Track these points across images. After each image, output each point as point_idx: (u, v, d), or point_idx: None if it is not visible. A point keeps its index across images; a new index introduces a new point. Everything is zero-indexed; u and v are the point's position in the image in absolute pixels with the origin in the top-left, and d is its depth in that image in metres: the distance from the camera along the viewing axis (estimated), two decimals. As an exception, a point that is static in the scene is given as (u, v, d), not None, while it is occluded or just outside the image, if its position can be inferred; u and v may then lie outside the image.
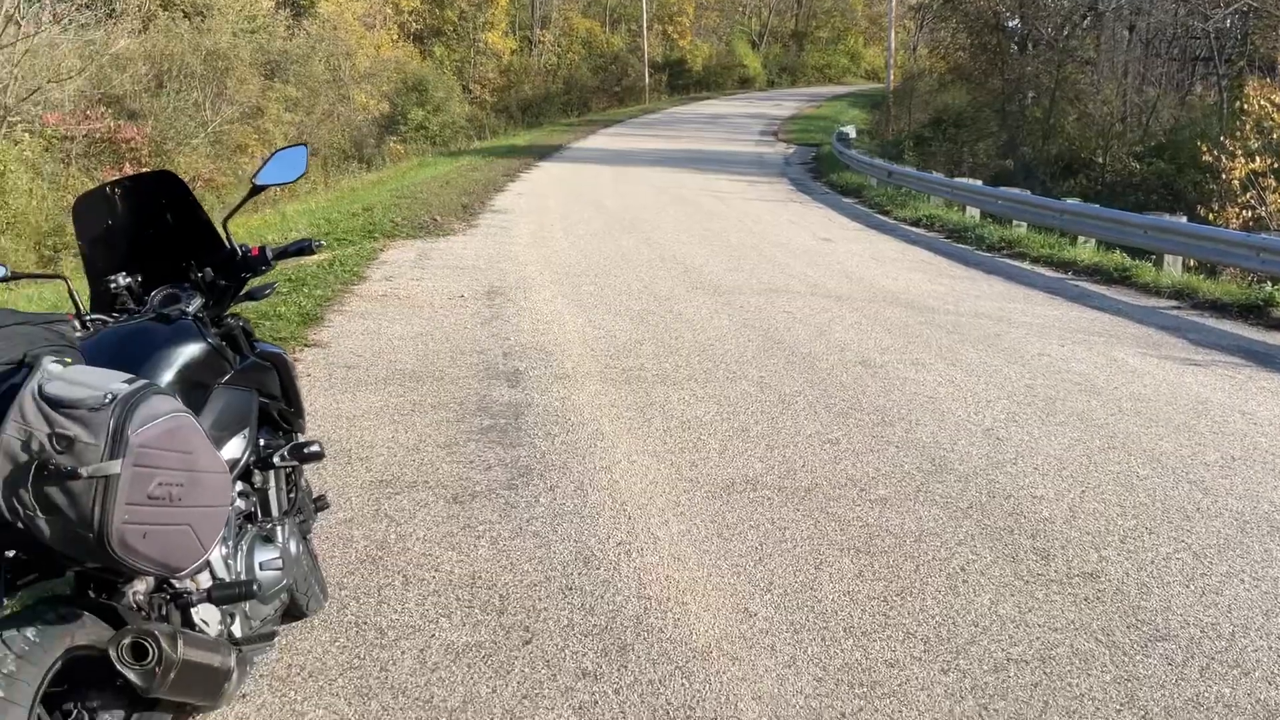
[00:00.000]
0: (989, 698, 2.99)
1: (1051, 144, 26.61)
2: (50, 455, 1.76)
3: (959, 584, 3.69)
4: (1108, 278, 10.59)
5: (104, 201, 2.92)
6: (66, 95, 15.11)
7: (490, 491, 4.50)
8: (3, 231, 11.76)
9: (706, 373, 6.49)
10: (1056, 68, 27.04)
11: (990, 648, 3.26)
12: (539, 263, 10.63)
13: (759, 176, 22.45)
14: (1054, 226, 12.88)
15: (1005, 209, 14.03)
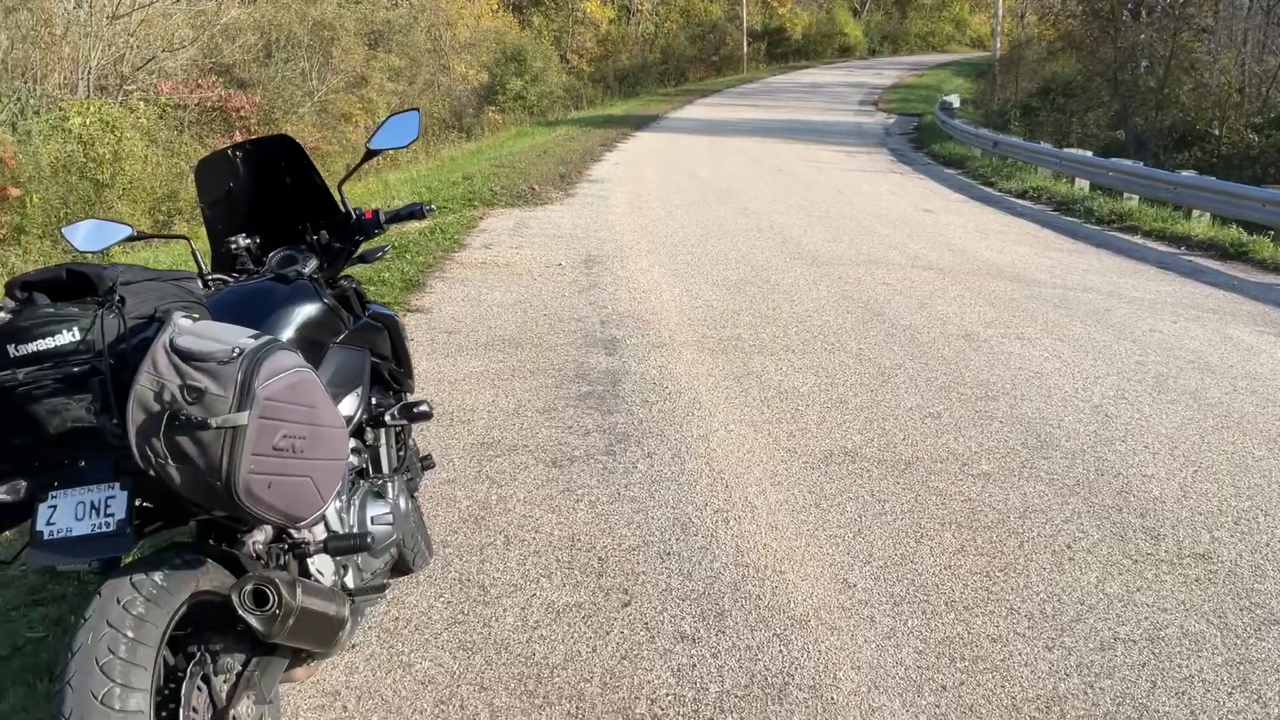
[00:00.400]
0: (1095, 676, 2.93)
1: (1165, 115, 25.63)
2: (181, 406, 1.83)
3: (1064, 561, 3.61)
4: (1223, 253, 10.20)
5: (226, 164, 3.01)
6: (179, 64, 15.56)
7: (588, 457, 4.55)
8: (119, 197, 12.23)
9: (804, 343, 6.44)
10: (1172, 35, 25.98)
11: (1097, 626, 3.19)
12: (635, 232, 10.64)
13: (858, 146, 22.09)
14: (1167, 200, 12.43)
15: (1116, 181, 13.58)
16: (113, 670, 1.84)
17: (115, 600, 1.92)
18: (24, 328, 1.93)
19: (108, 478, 1.99)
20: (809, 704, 2.78)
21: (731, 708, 2.76)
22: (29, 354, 1.93)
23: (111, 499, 1.97)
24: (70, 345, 1.93)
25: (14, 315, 1.96)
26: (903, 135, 25.41)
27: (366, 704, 2.76)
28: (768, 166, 17.56)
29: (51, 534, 1.96)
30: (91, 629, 1.88)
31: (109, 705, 1.81)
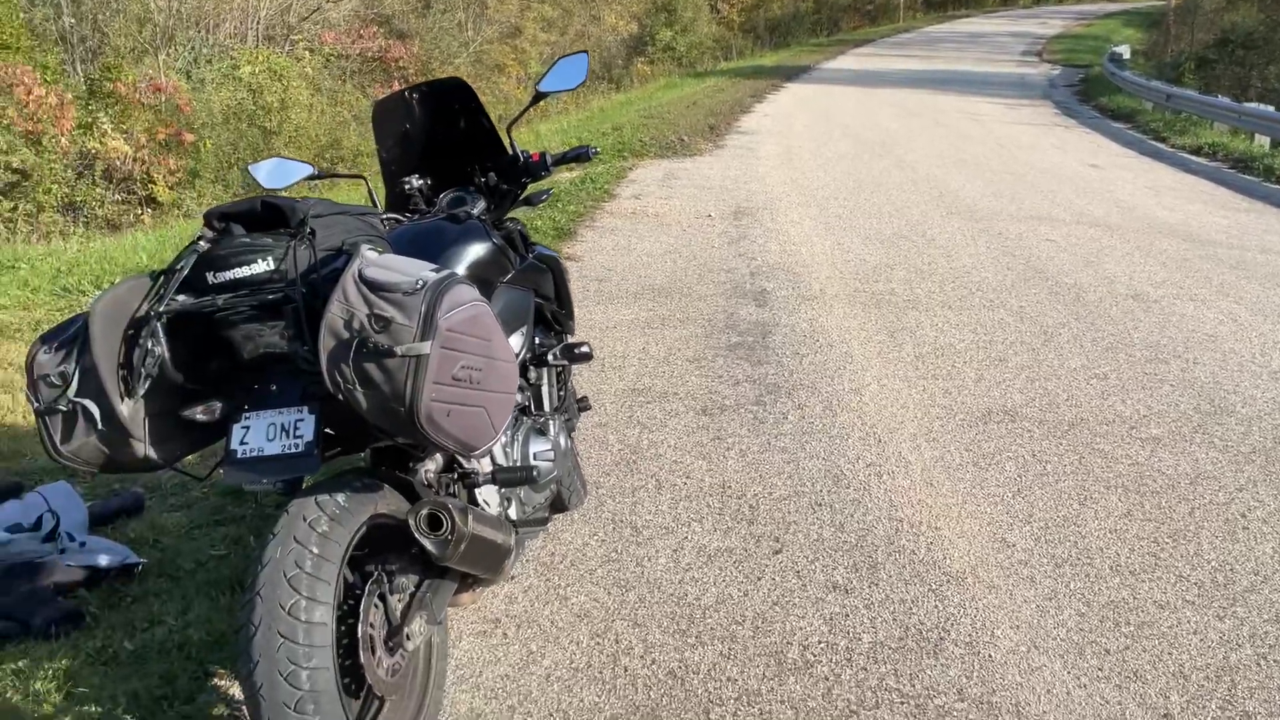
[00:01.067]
0: (1268, 648, 2.80)
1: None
2: (369, 334, 1.90)
3: (1238, 530, 3.45)
4: None
5: (402, 105, 3.09)
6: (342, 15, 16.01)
7: (739, 406, 4.55)
8: (285, 144, 12.72)
9: (961, 300, 6.27)
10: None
11: (1272, 597, 3.05)
12: (786, 184, 10.50)
13: (1020, 99, 21.23)
14: (1361, 157, 11.57)
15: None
16: (299, 583, 1.94)
17: (302, 518, 2.02)
18: (222, 256, 2.04)
19: (297, 402, 2.09)
20: (965, 660, 2.74)
21: (885, 658, 2.74)
22: (227, 281, 2.03)
23: (300, 422, 2.06)
24: (265, 274, 2.02)
25: (213, 244, 2.07)
26: (1068, 87, 24.31)
27: (525, 632, 2.84)
28: (924, 119, 17.05)
29: (244, 453, 2.07)
30: (280, 544, 1.99)
31: (295, 616, 1.92)
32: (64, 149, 12.11)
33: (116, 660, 2.65)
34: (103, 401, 1.98)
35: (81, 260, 6.99)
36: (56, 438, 2.01)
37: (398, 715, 2.25)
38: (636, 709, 2.52)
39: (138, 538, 3.30)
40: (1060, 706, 2.56)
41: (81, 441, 2.01)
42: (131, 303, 2.05)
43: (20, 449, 4.01)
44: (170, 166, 12.09)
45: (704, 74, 26.52)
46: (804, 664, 2.71)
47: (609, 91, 23.21)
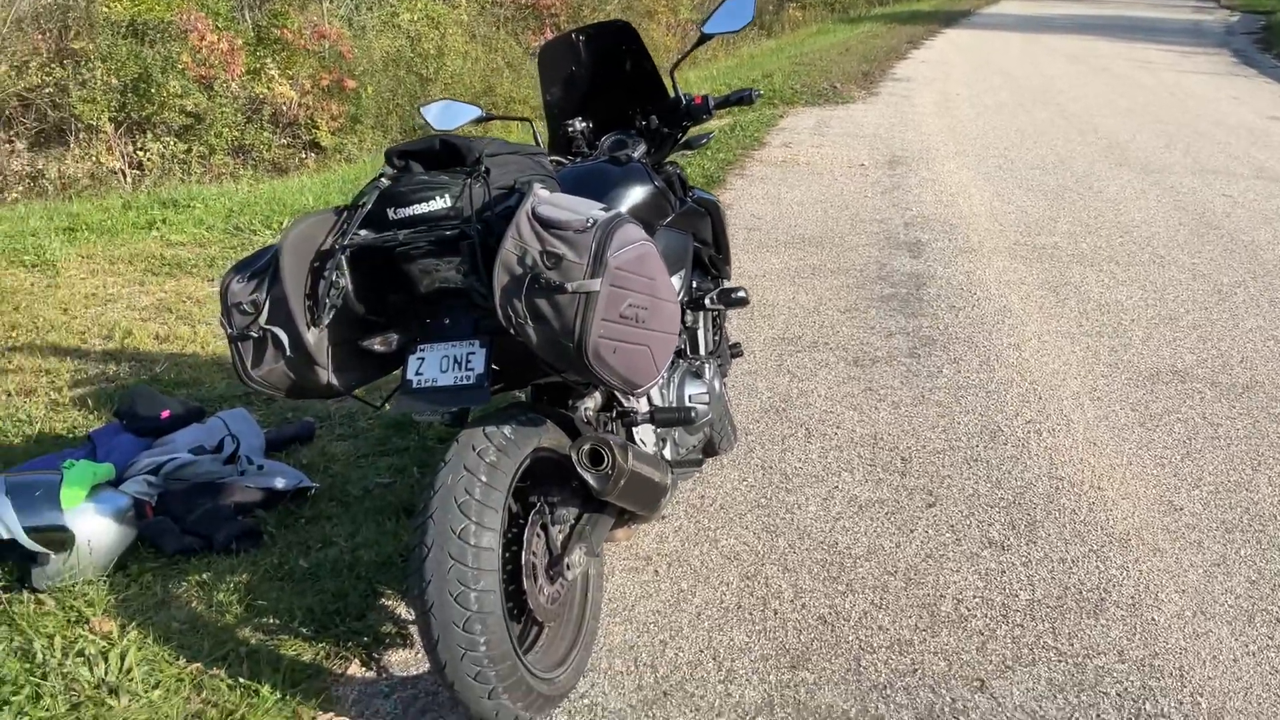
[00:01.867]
0: None
1: None
2: (542, 270, 1.94)
3: None
4: None
5: (568, 49, 3.12)
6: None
7: (891, 358, 4.48)
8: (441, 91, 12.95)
9: (1129, 255, 6.01)
10: None
11: None
12: (943, 133, 10.19)
13: (1194, 47, 20.02)
14: None
15: None
16: (469, 509, 2.02)
17: (471, 448, 2.09)
18: (402, 192, 2.11)
19: (469, 335, 2.16)
20: (1127, 621, 2.66)
21: (1043, 616, 2.69)
22: (406, 217, 2.10)
23: (472, 355, 2.13)
24: (442, 211, 2.08)
25: (394, 181, 2.14)
26: (1247, 35, 22.79)
27: (676, 571, 2.89)
28: (1089, 66, 16.28)
29: (419, 383, 2.15)
30: (451, 471, 2.06)
31: (465, 539, 1.99)
32: (234, 94, 12.64)
33: (291, 577, 2.81)
34: (291, 329, 2.08)
35: (251, 201, 7.29)
36: (248, 362, 2.12)
37: (556, 642, 2.33)
38: (786, 651, 2.54)
39: (309, 464, 3.46)
40: (1226, 673, 2.47)
41: (270, 367, 2.12)
42: (318, 236, 2.14)
43: (200, 377, 4.25)
44: (333, 112, 12.49)
45: (858, 19, 25.84)
46: (958, 618, 2.68)
47: (760, 38, 22.83)
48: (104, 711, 2.25)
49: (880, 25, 23.26)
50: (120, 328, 4.72)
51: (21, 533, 2.69)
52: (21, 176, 11.75)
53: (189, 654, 2.47)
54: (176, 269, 5.69)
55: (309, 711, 2.31)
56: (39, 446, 3.54)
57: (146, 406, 3.46)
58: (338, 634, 2.56)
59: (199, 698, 2.33)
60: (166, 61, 12.02)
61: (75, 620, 2.59)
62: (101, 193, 10.23)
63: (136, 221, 6.63)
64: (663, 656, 2.52)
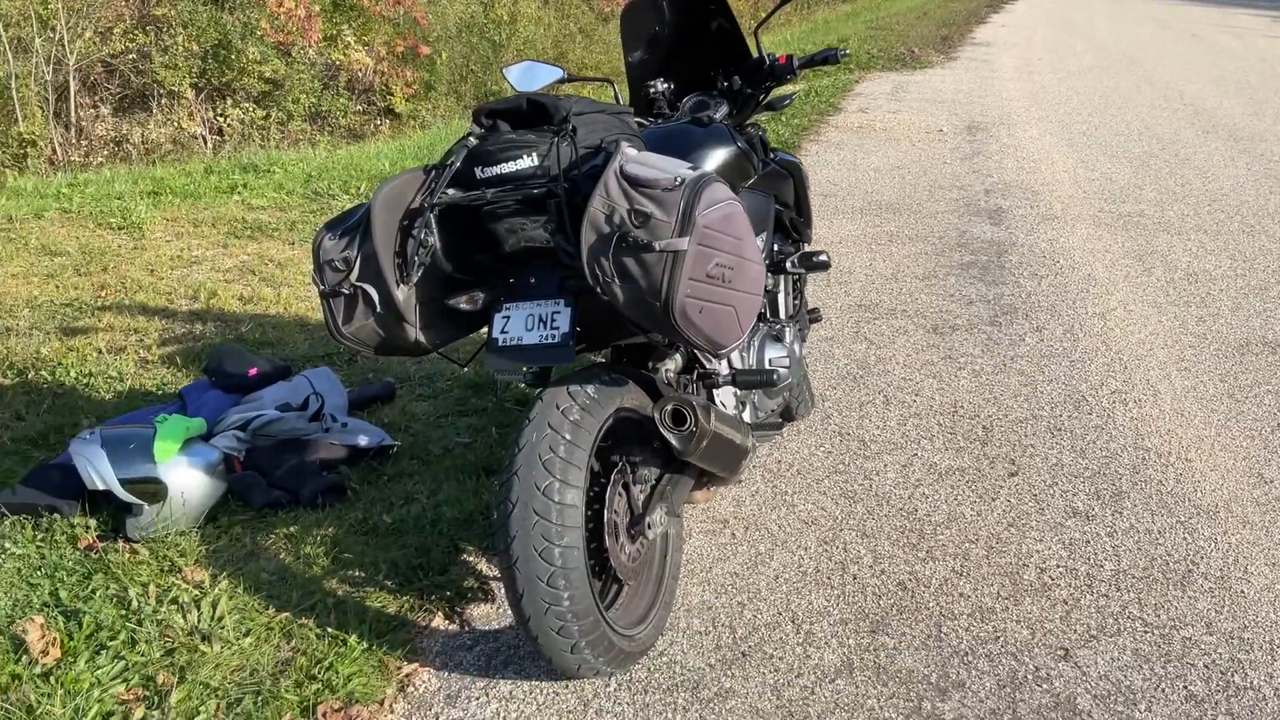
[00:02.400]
0: None
1: None
2: (629, 229, 1.94)
3: None
4: None
5: (650, 9, 3.10)
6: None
7: (971, 326, 4.41)
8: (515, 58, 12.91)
9: (1218, 224, 5.84)
10: None
11: None
12: (1024, 98, 9.97)
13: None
14: None
15: None
16: (553, 466, 2.03)
17: (555, 406, 2.10)
18: (490, 151, 2.12)
19: (554, 295, 2.17)
20: (1215, 593, 2.61)
21: (1129, 587, 2.64)
22: (493, 176, 2.11)
23: (557, 314, 2.14)
24: (529, 169, 2.09)
25: (481, 140, 2.15)
26: (1349, -4, 21.89)
27: (753, 534, 2.89)
28: (1177, 31, 15.79)
29: (505, 341, 2.17)
30: (535, 429, 2.08)
31: (549, 496, 2.01)
32: (311, 60, 12.78)
33: (376, 531, 2.86)
34: (380, 286, 2.11)
35: (329, 166, 7.39)
36: (339, 318, 2.16)
37: (636, 600, 2.35)
38: (865, 615, 2.53)
39: (391, 423, 3.52)
40: (1322, 651, 2.41)
41: (360, 324, 2.16)
42: (407, 194, 2.16)
43: (284, 337, 4.33)
44: (407, 79, 12.56)
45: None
46: (1041, 586, 2.65)
47: (835, 2, 22.50)
48: (197, 657, 2.32)
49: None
50: (205, 288, 4.82)
51: (117, 484, 2.77)
52: (106, 141, 12.04)
53: (278, 604, 2.53)
54: (258, 232, 5.80)
55: (395, 661, 2.35)
56: (130, 403, 3.65)
57: (234, 364, 3.53)
58: (422, 588, 2.60)
59: (288, 646, 2.39)
60: (245, 28, 12.19)
61: (168, 569, 2.67)
62: (184, 158, 10.44)
63: (219, 186, 6.76)
64: (740, 618, 2.52)
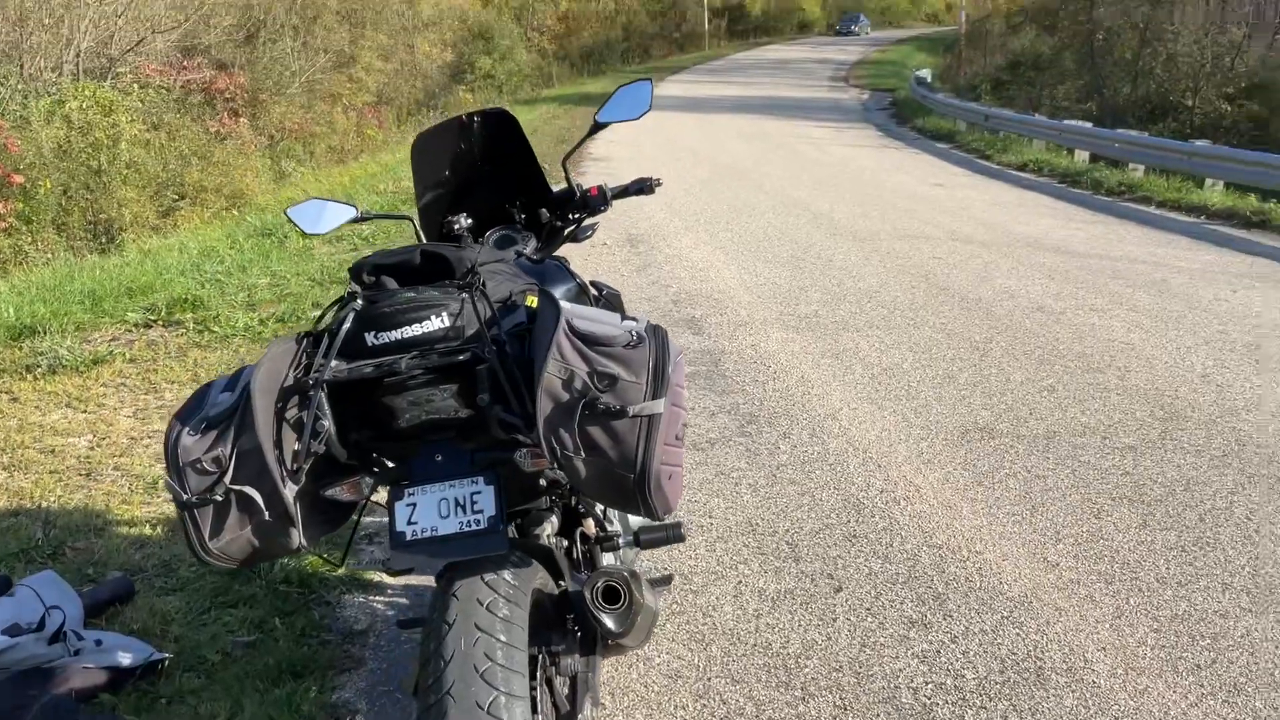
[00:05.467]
0: (1338, 650, 2.90)
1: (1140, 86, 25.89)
2: (595, 394, 1.70)
3: (1252, 533, 3.57)
4: (1245, 222, 10.27)
5: (446, 140, 2.85)
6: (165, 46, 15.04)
7: (726, 439, 4.44)
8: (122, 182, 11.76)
9: (884, 319, 6.37)
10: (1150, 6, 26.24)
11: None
12: (664, 210, 10.50)
13: (843, 122, 22.07)
14: (1177, 169, 12.51)
15: (1122, 152, 13.65)
16: (495, 678, 1.71)
17: (477, 602, 1.79)
18: (387, 313, 1.79)
19: (469, 471, 1.86)
20: (1075, 689, 2.71)
21: (998, 694, 2.68)
22: (393, 342, 1.79)
23: (478, 494, 1.84)
24: (440, 332, 1.79)
25: (371, 301, 1.82)
26: (881, 111, 25.44)
27: (625, 701, 2.64)
28: (764, 143, 17.48)
29: (416, 533, 1.82)
30: (462, 634, 1.75)
31: (496, 715, 1.69)
32: None
33: (178, 779, 2.31)
34: (265, 487, 1.70)
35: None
36: (205, 532, 1.71)
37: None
38: (780, 774, 2.37)
39: (143, 629, 2.91)
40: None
41: (233, 535, 1.73)
42: (282, 371, 1.78)
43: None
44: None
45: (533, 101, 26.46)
46: (924, 709, 2.62)
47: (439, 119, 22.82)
48: None
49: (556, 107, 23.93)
50: None
51: None
52: None
53: None
54: None
55: None
56: None
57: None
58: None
59: None
60: None
61: None
62: None
63: None
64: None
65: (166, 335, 6.18)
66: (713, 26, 51.61)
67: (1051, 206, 11.54)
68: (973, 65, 34.75)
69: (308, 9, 19.56)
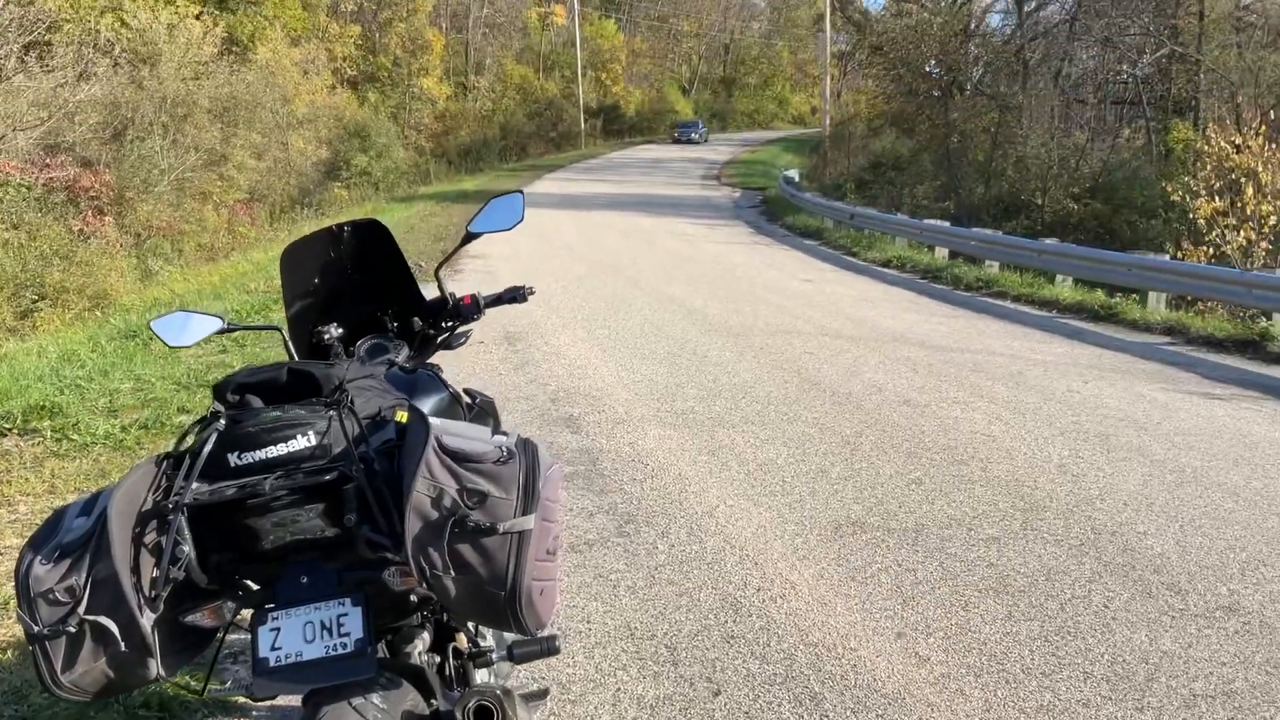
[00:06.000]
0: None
1: (994, 186, 27.35)
2: (465, 512, 1.69)
3: (1110, 621, 3.71)
4: (1094, 315, 10.86)
5: (316, 250, 2.84)
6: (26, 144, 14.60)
7: (604, 540, 4.43)
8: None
9: (759, 415, 6.50)
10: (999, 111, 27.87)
11: (1172, 684, 3.28)
12: (541, 307, 10.56)
13: (716, 220, 22.67)
14: (1030, 266, 13.20)
15: (979, 249, 14.35)
16: None
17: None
18: (251, 433, 1.76)
19: (335, 592, 1.82)
20: (949, 783, 2.75)
21: (875, 793, 2.70)
22: (257, 462, 1.75)
23: (344, 616, 1.80)
24: (306, 451, 1.76)
25: (235, 421, 1.78)
26: (752, 208, 26.24)
27: (502, 821, 2.57)
28: (638, 240, 17.80)
29: (279, 660, 1.77)
30: (338, 770, 1.70)
31: None
32: None
33: None
34: (121, 617, 1.64)
35: None
36: (57, 665, 1.63)
37: None
38: None
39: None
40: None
41: (88, 667, 1.65)
42: (141, 495, 1.72)
43: None
44: None
45: (409, 199, 26.47)
46: (804, 811, 2.62)
47: (312, 217, 22.59)
48: None
49: (433, 204, 24.00)
50: None
51: None
52: None
53: None
54: None
55: None
56: None
57: None
58: None
59: None
60: None
61: None
62: None
63: None
64: None
65: (22, 445, 5.89)
66: (589, 126, 52.71)
67: (915, 301, 12.02)
68: (837, 165, 36.24)
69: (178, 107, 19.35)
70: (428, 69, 46.28)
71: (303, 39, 35.02)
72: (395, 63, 44.98)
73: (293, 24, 33.58)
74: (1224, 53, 28.03)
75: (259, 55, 31.71)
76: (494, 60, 52.29)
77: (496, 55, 52.47)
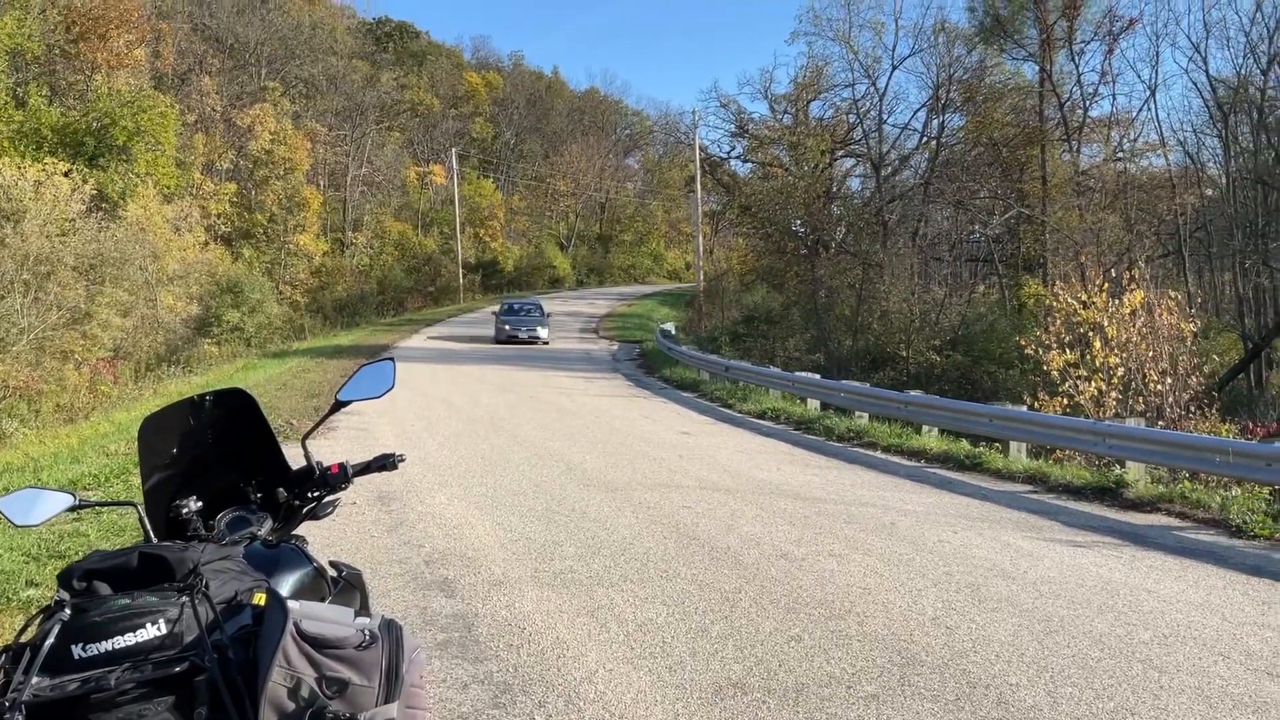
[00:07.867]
0: None
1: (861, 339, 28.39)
2: (323, 702, 1.62)
3: (988, 777, 3.73)
4: (959, 464, 11.22)
5: (176, 421, 2.76)
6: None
7: (478, 713, 4.28)
8: None
9: (638, 572, 6.45)
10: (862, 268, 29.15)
11: (1050, 840, 3.29)
12: (418, 465, 10.40)
13: (594, 372, 22.87)
14: (896, 417, 13.62)
15: (848, 401, 14.76)
16: None
17: None
18: (96, 623, 1.67)
19: (187, 794, 1.71)
20: None
21: None
22: (102, 654, 1.66)
23: (197, 814, 1.68)
24: (155, 640, 1.68)
25: (79, 610, 1.69)
26: (630, 361, 26.61)
27: None
28: (517, 394, 17.80)
29: None
30: None
31: None
32: None
33: None
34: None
35: None
36: None
37: None
38: None
39: None
40: None
41: None
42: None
43: None
44: None
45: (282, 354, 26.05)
46: None
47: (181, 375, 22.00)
48: None
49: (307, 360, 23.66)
50: None
51: None
52: None
53: None
54: None
55: None
56: None
57: None
58: None
59: None
60: None
61: None
62: None
63: None
64: None
65: None
66: (468, 280, 53.14)
67: (789, 453, 12.24)
68: (712, 319, 37.22)
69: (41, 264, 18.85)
70: (304, 225, 46.22)
71: (176, 196, 34.73)
72: (271, 219, 44.82)
73: (165, 181, 33.32)
74: (1067, 214, 30.11)
75: (129, 212, 31.28)
76: (372, 217, 52.62)
77: (375, 212, 52.84)
